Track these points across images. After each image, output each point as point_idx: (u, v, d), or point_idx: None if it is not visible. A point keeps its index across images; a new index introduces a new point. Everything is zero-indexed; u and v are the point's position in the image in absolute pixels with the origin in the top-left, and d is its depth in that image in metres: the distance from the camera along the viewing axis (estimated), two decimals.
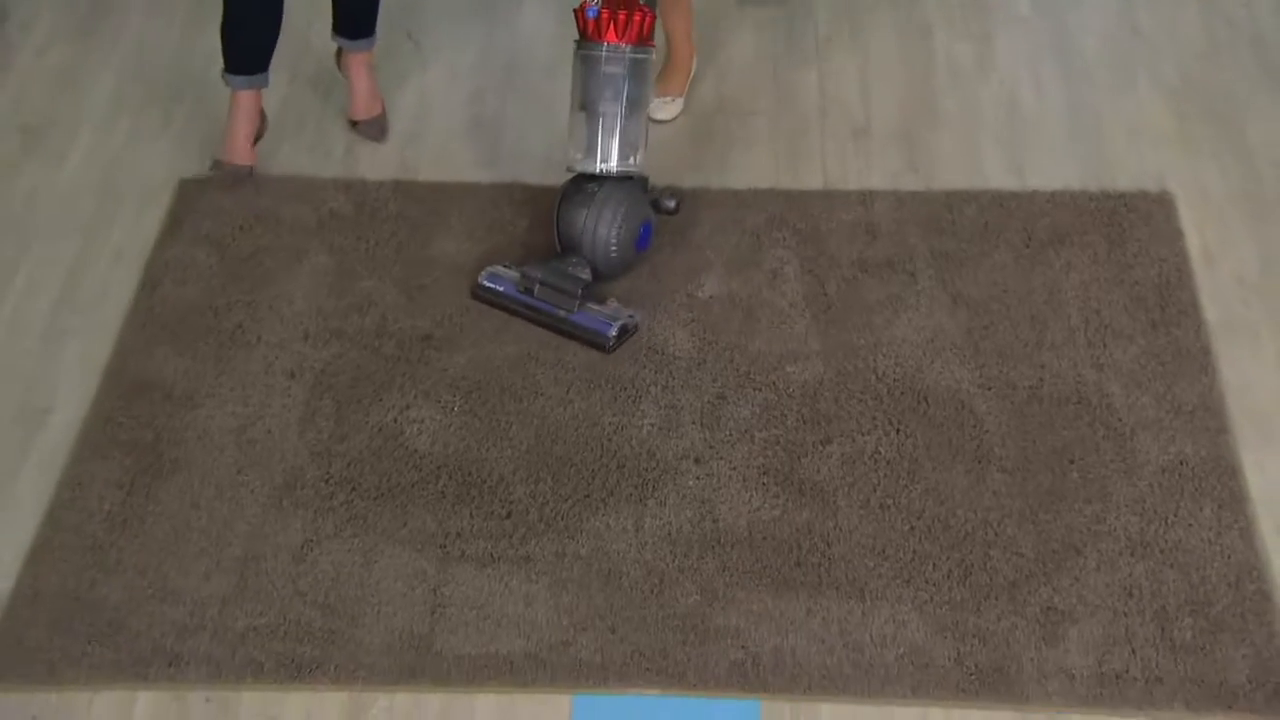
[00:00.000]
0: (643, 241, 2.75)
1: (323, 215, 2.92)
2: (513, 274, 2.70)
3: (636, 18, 2.63)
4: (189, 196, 2.96)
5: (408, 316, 2.72)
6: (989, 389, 2.55)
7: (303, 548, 2.35)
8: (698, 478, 2.43)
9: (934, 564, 2.30)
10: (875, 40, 3.32)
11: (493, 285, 2.71)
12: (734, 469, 2.44)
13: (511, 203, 2.95)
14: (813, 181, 2.98)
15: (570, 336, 2.64)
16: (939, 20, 3.37)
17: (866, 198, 2.93)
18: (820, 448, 2.47)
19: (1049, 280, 2.75)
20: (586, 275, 2.68)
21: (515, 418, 2.53)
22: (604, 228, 2.67)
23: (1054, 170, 2.98)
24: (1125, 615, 2.22)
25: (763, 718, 2.13)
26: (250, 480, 2.45)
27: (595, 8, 2.63)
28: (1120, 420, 2.49)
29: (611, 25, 2.63)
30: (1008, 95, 3.18)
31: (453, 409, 2.54)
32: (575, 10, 2.68)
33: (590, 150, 2.69)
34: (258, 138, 2.98)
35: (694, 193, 2.95)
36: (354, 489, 2.43)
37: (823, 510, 2.38)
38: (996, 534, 2.33)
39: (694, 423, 2.52)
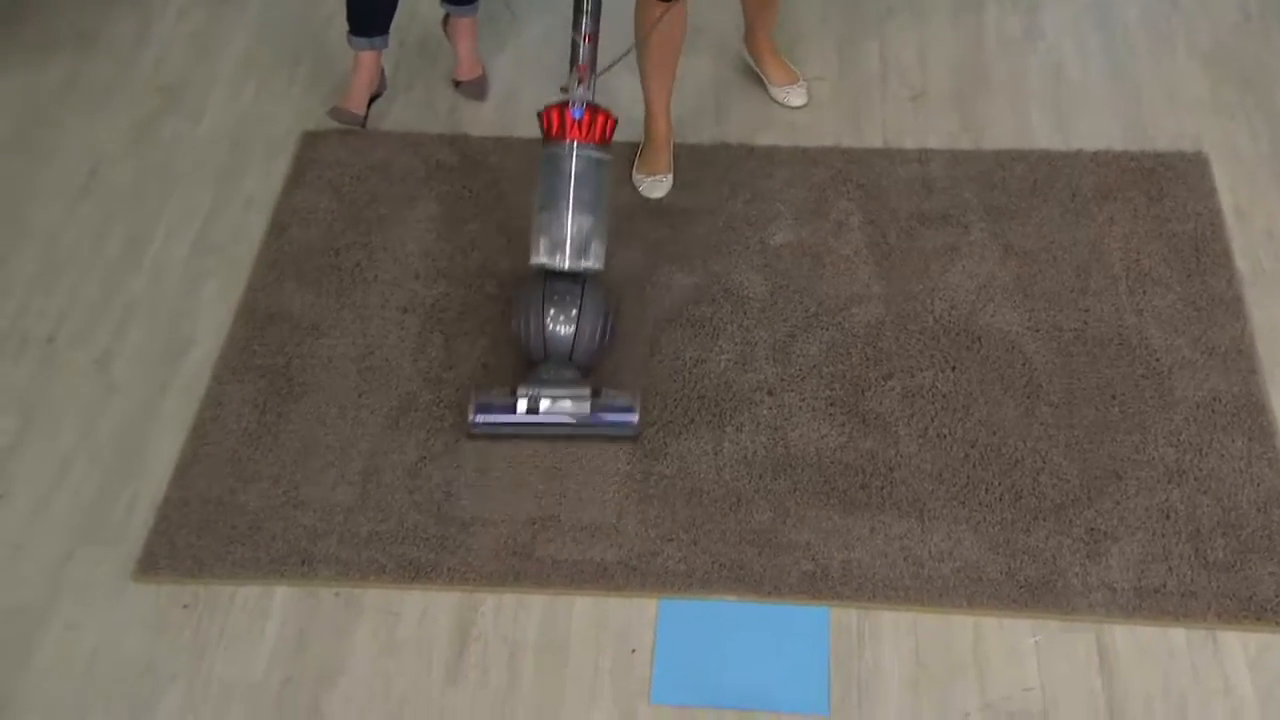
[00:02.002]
0: (612, 333, 2.49)
1: (430, 166, 2.92)
2: (505, 400, 2.37)
3: (600, 118, 2.38)
4: (312, 148, 2.96)
5: (507, 258, 2.72)
6: (1037, 331, 2.52)
7: (417, 464, 2.37)
8: (770, 408, 2.43)
9: (986, 488, 2.28)
10: (932, 13, 3.26)
11: (487, 419, 2.37)
12: (803, 400, 2.44)
13: None
14: (874, 141, 2.94)
15: (594, 438, 2.37)
16: None
17: (923, 156, 2.89)
18: (882, 382, 2.46)
19: (1092, 233, 2.70)
20: (578, 375, 2.40)
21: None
22: (590, 332, 2.39)
23: (1097, 132, 2.92)
24: (1162, 536, 2.20)
25: (831, 622, 2.13)
26: (370, 403, 2.47)
27: (580, 109, 2.36)
28: (1158, 360, 2.46)
29: (576, 125, 2.37)
30: (1054, 62, 3.11)
31: None
32: (539, 113, 2.41)
33: (564, 249, 2.35)
34: (375, 95, 2.98)
35: (766, 150, 2.91)
36: (462, 412, 2.45)
37: (885, 439, 2.36)
38: (1044, 461, 2.31)
39: (767, 358, 2.51)
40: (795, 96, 3.04)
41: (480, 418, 2.37)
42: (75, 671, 2.12)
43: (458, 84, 3.08)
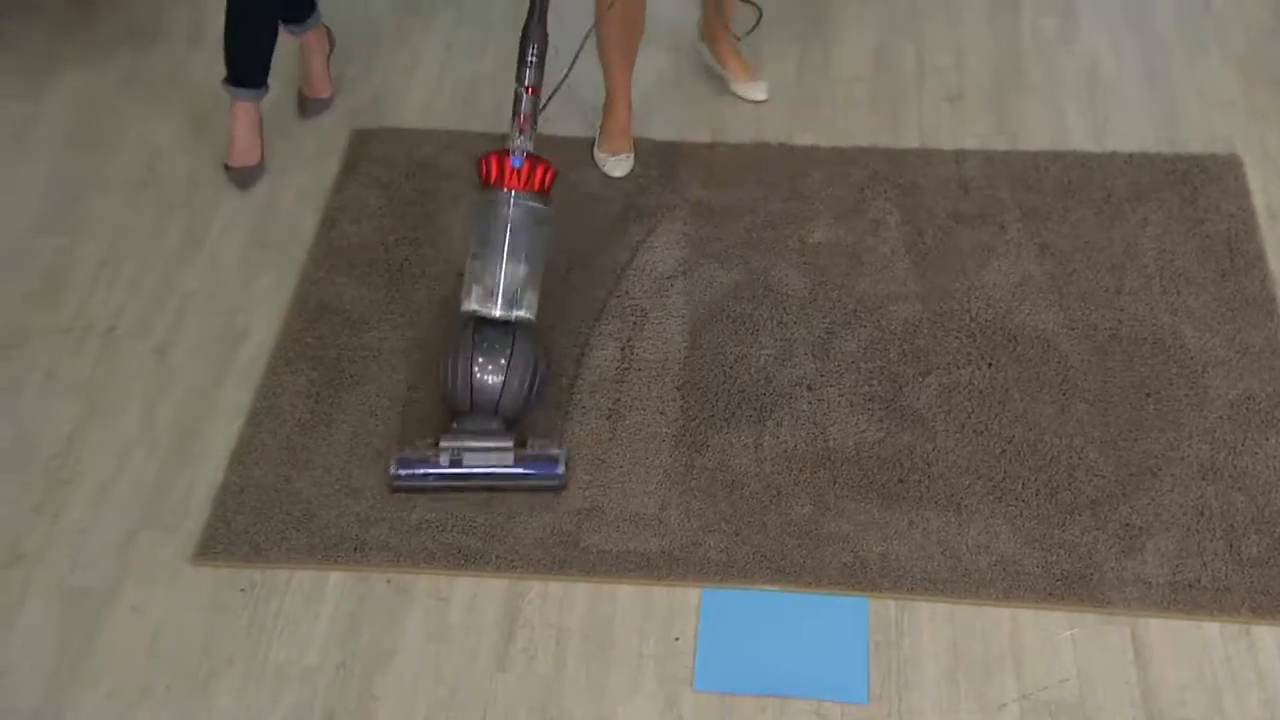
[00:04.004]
0: (543, 389, 2.41)
1: (475, 163, 2.93)
2: (426, 453, 2.29)
3: (540, 169, 2.36)
4: (361, 145, 2.98)
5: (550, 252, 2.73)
6: (1073, 329, 2.51)
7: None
8: (810, 402, 2.43)
9: (1023, 483, 2.28)
10: (968, 15, 3.25)
11: (410, 472, 2.29)
12: (842, 395, 2.44)
13: (640, 154, 2.93)
14: (911, 141, 2.94)
15: (517, 490, 2.29)
16: None
17: (960, 157, 2.89)
18: (920, 379, 2.46)
19: (1127, 233, 2.69)
20: (502, 427, 2.31)
21: (647, 344, 2.55)
22: (518, 384, 2.31)
23: (1131, 133, 2.91)
24: (1197, 532, 2.19)
25: (870, 613, 2.14)
26: (419, 395, 2.49)
27: (519, 158, 2.34)
28: (1192, 359, 2.45)
29: (515, 174, 2.33)
30: (1089, 64, 3.10)
31: (586, 339, 2.56)
32: (479, 158, 2.40)
33: (496, 297, 2.29)
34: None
35: (805, 150, 2.92)
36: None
37: (922, 434, 2.37)
38: (1080, 458, 2.31)
39: (806, 354, 2.52)
40: (759, 91, 3.05)
41: (402, 471, 2.28)
42: (138, 651, 2.15)
43: (302, 99, 2.99)
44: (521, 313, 2.32)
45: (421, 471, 2.29)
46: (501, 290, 2.30)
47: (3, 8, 2.79)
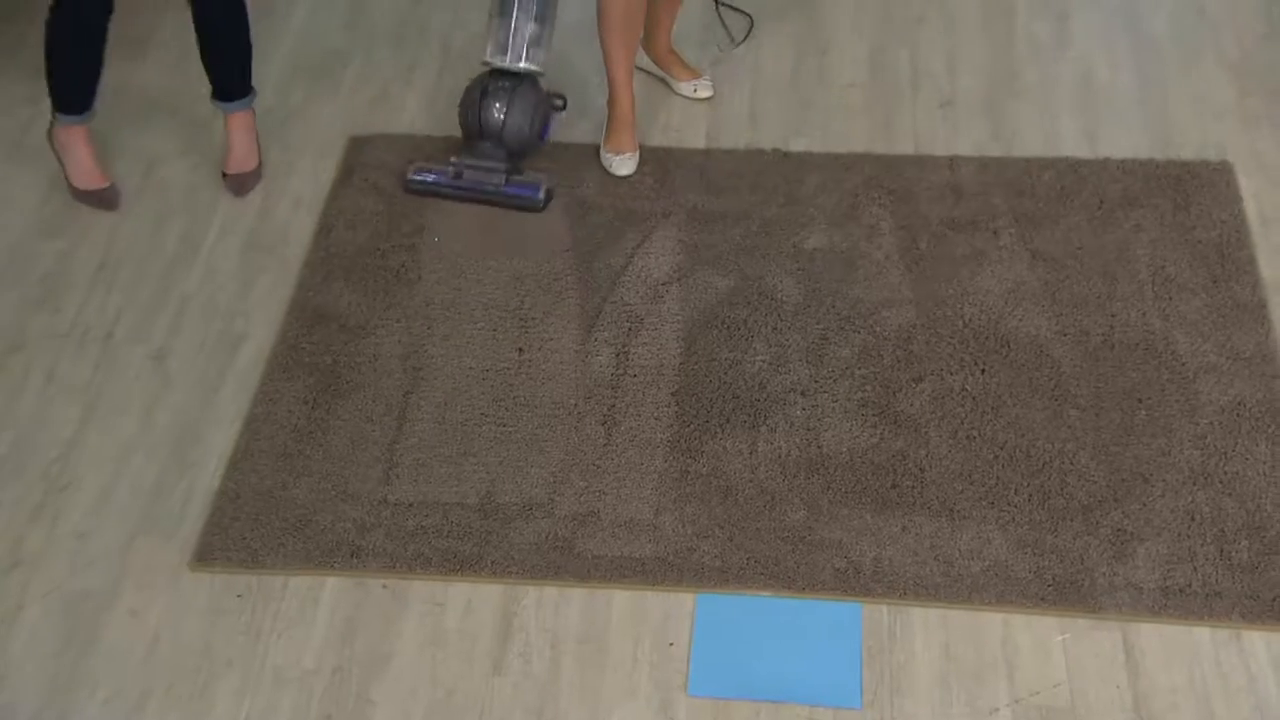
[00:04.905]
0: (545, 132, 2.87)
1: None
2: (438, 165, 2.82)
3: None
4: (358, 152, 2.99)
5: (540, 258, 2.74)
6: (1065, 335, 2.53)
7: (459, 459, 2.40)
8: (804, 408, 2.45)
9: (1015, 489, 2.30)
10: (962, 20, 3.26)
11: (422, 178, 2.82)
12: (836, 401, 2.45)
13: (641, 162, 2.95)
14: (905, 147, 2.95)
15: (504, 205, 2.78)
16: (1021, 1, 3.30)
17: (953, 163, 2.90)
18: (913, 385, 2.47)
19: (1119, 239, 2.70)
20: (504, 153, 2.79)
21: (643, 349, 2.56)
22: (520, 119, 2.78)
23: (1124, 140, 2.92)
24: (1188, 537, 2.21)
25: (863, 618, 2.15)
26: (415, 400, 2.50)
27: None
28: (1184, 365, 2.46)
29: None
30: (1083, 70, 3.11)
31: (583, 341, 2.58)
32: None
33: (506, 50, 2.76)
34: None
35: (799, 156, 2.93)
36: (503, 409, 2.47)
37: (915, 439, 2.38)
38: (1072, 463, 2.32)
39: (800, 360, 2.53)
40: (704, 89, 3.08)
41: (417, 176, 2.82)
42: (137, 655, 2.16)
43: (225, 176, 2.92)
44: (527, 64, 2.77)
45: (432, 178, 2.82)
46: (512, 45, 2.75)
47: (3, 12, 2.80)
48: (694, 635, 2.15)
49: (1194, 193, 2.78)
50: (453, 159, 2.82)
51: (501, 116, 2.76)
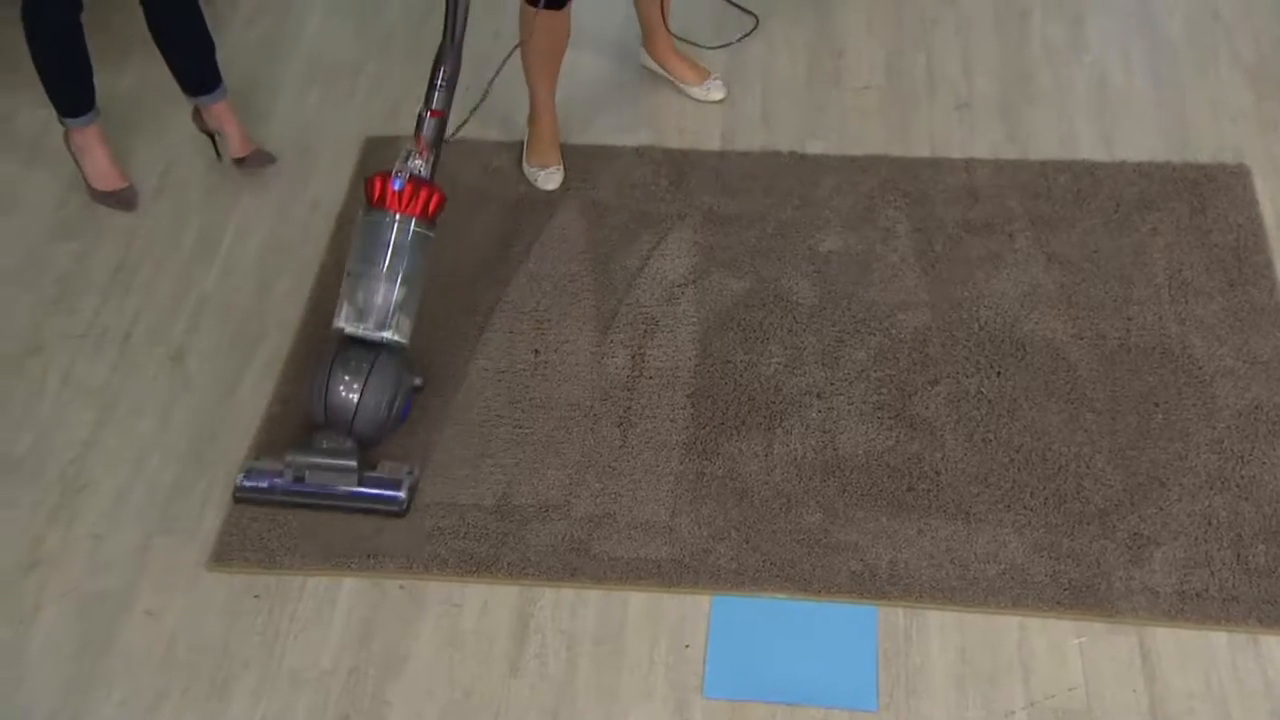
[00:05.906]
0: (405, 412, 2.40)
1: (489, 172, 2.95)
2: (274, 465, 2.33)
3: (424, 194, 2.33)
4: (375, 154, 3.00)
5: (556, 260, 2.74)
6: (1081, 338, 2.52)
7: (476, 460, 2.41)
8: (819, 411, 2.45)
9: (1031, 492, 2.29)
10: (977, 23, 3.26)
11: (254, 484, 2.32)
12: (852, 404, 2.45)
13: (651, 162, 2.95)
14: (921, 150, 2.95)
15: (358, 511, 2.31)
16: (1036, 4, 3.29)
17: (969, 165, 2.89)
18: (929, 387, 2.47)
19: (1136, 243, 2.70)
20: (353, 446, 2.31)
21: (658, 351, 2.56)
22: (377, 399, 2.30)
23: (1140, 143, 2.92)
24: (1205, 541, 2.20)
25: (879, 621, 2.15)
26: (431, 400, 2.51)
27: (401, 181, 2.32)
28: (1201, 369, 2.46)
29: (395, 196, 2.31)
30: (1098, 74, 3.11)
31: (599, 343, 2.58)
32: (366, 179, 2.38)
33: (368, 317, 2.30)
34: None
35: (815, 158, 2.93)
36: (520, 410, 2.47)
37: (931, 442, 2.38)
38: (1088, 467, 2.32)
39: (816, 362, 2.53)
40: (716, 90, 3.07)
41: (248, 483, 2.32)
42: (155, 656, 2.17)
43: (238, 162, 2.93)
44: (391, 335, 2.31)
45: (266, 484, 2.32)
46: (374, 311, 2.30)
47: (14, 17, 2.82)
48: (710, 637, 2.15)
49: (1210, 196, 2.78)
50: (288, 456, 2.31)
51: (354, 398, 2.27)
